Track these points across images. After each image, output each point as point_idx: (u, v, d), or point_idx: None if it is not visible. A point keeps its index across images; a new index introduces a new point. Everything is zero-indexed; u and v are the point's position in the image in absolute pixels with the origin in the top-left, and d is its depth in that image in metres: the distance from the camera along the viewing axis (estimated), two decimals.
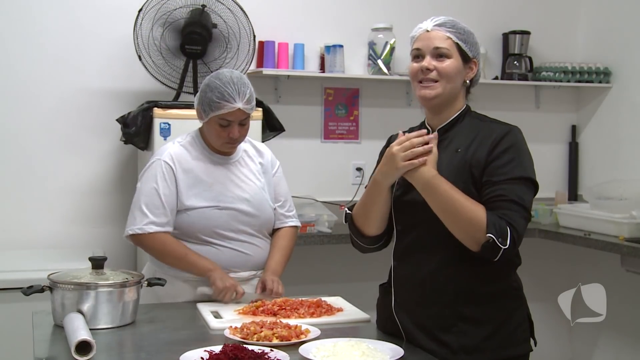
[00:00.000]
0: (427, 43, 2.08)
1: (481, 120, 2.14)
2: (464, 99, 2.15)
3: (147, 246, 2.64)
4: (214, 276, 2.54)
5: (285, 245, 2.77)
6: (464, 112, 2.13)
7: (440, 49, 2.06)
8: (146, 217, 2.59)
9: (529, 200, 1.99)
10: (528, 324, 2.13)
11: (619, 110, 4.46)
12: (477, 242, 1.92)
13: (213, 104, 2.57)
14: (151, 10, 3.48)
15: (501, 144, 2.01)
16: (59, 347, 2.04)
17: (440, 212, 1.97)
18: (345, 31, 4.21)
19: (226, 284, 2.51)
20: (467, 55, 2.09)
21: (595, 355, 4.50)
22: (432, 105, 2.11)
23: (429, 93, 2.07)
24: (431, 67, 2.06)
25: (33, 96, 3.73)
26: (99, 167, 3.85)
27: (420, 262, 2.07)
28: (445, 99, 2.09)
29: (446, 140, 2.09)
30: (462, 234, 1.95)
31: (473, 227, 1.92)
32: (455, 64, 2.07)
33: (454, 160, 2.05)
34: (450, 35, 2.07)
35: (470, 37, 2.11)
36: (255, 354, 1.87)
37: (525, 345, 2.10)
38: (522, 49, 4.48)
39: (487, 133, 2.06)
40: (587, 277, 3.50)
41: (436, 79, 2.06)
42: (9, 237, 3.67)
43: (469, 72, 2.11)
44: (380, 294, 2.25)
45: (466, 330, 2.02)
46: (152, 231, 2.58)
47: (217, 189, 2.65)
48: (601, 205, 3.91)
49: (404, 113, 4.31)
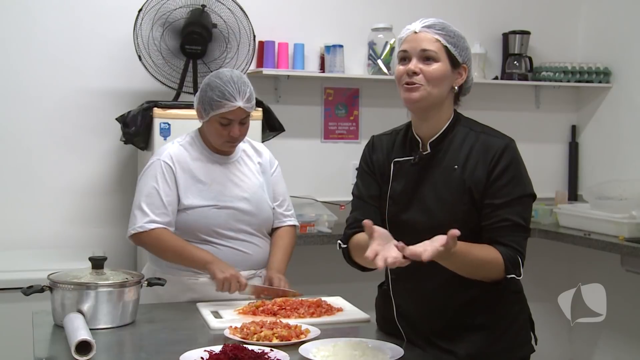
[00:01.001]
0: (414, 45, 1.99)
1: (472, 129, 2.05)
2: (451, 105, 2.07)
3: (148, 243, 2.63)
4: (212, 268, 2.52)
5: (287, 244, 2.77)
6: (454, 121, 2.06)
7: (428, 52, 1.97)
8: (147, 215, 2.59)
9: (529, 215, 2.00)
10: (530, 325, 2.13)
11: (619, 110, 4.46)
12: (496, 281, 1.95)
13: (214, 102, 2.57)
14: (151, 10, 3.48)
15: (500, 163, 1.96)
16: (59, 347, 2.04)
17: (459, 271, 1.93)
18: (345, 31, 4.21)
19: (227, 275, 2.49)
20: (456, 60, 2.00)
21: (595, 355, 4.50)
22: (417, 109, 2.03)
23: (412, 95, 1.98)
24: (417, 71, 1.97)
25: (33, 96, 3.73)
26: (99, 167, 3.85)
27: (421, 279, 2.02)
28: (431, 104, 2.00)
29: (439, 153, 2.03)
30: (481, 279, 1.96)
31: (493, 274, 1.94)
32: (442, 67, 1.98)
33: (452, 178, 1.99)
34: (439, 37, 1.98)
35: (461, 41, 2.02)
36: (255, 354, 1.87)
37: (528, 347, 2.10)
38: (522, 49, 4.48)
39: (482, 148, 2.00)
40: (587, 277, 3.50)
41: (422, 82, 1.97)
42: (9, 237, 3.67)
43: (457, 77, 2.02)
44: (379, 295, 2.24)
45: (471, 338, 2.01)
46: (152, 227, 2.58)
47: (216, 189, 2.66)
48: (601, 205, 3.91)
49: (403, 113, 4.22)
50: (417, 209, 2.03)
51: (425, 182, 2.03)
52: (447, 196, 1.98)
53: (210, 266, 2.53)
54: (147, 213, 2.59)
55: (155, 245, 2.62)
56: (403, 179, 2.07)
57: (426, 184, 2.03)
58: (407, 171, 2.07)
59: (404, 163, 2.08)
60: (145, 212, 2.59)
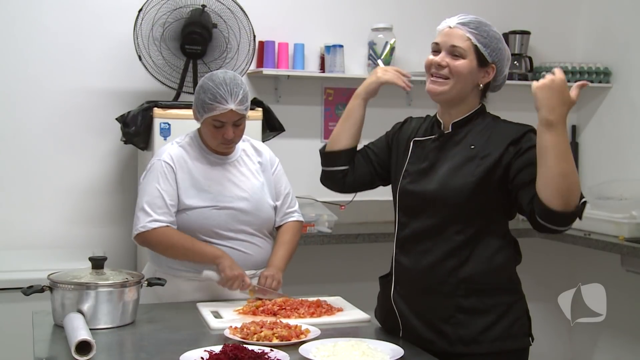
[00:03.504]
0: (445, 39, 2.08)
1: (494, 119, 2.14)
2: (477, 100, 2.14)
3: (153, 242, 2.62)
4: (223, 264, 2.54)
5: (289, 240, 2.77)
6: (478, 111, 2.13)
7: (457, 48, 2.06)
8: (149, 215, 2.59)
9: None
10: (527, 319, 2.13)
11: (619, 110, 4.46)
12: (571, 203, 1.86)
13: (206, 105, 2.57)
14: (151, 10, 3.48)
15: (523, 140, 2.01)
16: (59, 347, 2.04)
17: (554, 158, 1.84)
18: (345, 31, 4.21)
19: (235, 273, 2.52)
20: (485, 59, 2.08)
21: (595, 355, 4.50)
22: (439, 101, 2.13)
23: (435, 88, 2.09)
24: (443, 64, 2.07)
25: (33, 96, 3.73)
26: (99, 167, 3.85)
27: (422, 252, 2.09)
28: (452, 98, 2.09)
29: (460, 134, 2.11)
30: (564, 189, 1.85)
31: (576, 189, 1.87)
32: (468, 65, 2.06)
33: (469, 154, 2.06)
34: (470, 36, 2.07)
35: (494, 42, 2.09)
36: (255, 354, 1.87)
37: (523, 340, 2.11)
38: (522, 49, 4.48)
39: (503, 132, 2.06)
40: (587, 277, 3.49)
41: (447, 75, 2.07)
42: (9, 237, 3.67)
43: (484, 75, 2.10)
44: (381, 285, 2.27)
45: (464, 321, 2.04)
46: (156, 227, 2.58)
47: (215, 189, 2.66)
48: (601, 205, 3.91)
49: (404, 113, 4.24)
50: (429, 180, 2.10)
51: (442, 158, 2.11)
52: (459, 168, 2.05)
53: (221, 261, 2.54)
54: (149, 213, 2.59)
55: (162, 243, 2.60)
56: (422, 157, 2.15)
57: (443, 160, 2.10)
58: (427, 149, 2.15)
59: (424, 142, 2.17)
60: (148, 212, 2.59)
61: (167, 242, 2.60)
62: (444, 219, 2.05)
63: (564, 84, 1.85)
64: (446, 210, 2.05)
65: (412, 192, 2.13)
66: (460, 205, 2.04)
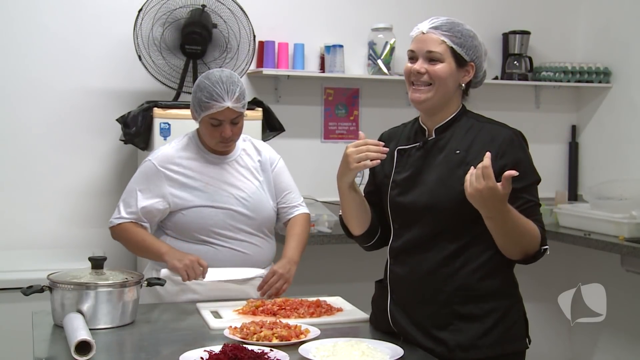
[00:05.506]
0: (420, 46, 2.07)
1: (477, 120, 2.13)
2: (459, 100, 2.14)
3: (117, 238, 2.73)
4: (170, 260, 2.52)
5: (299, 232, 2.77)
6: (460, 113, 2.13)
7: (433, 53, 2.04)
8: (119, 212, 2.68)
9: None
10: (524, 321, 2.13)
11: (619, 110, 4.46)
12: (530, 255, 2.02)
13: (202, 104, 2.58)
14: (151, 10, 3.48)
15: (512, 151, 2.03)
16: (58, 347, 2.04)
17: (501, 237, 1.98)
18: (345, 31, 4.21)
19: (185, 262, 2.49)
20: (463, 59, 2.07)
21: (595, 356, 4.50)
22: (423, 109, 2.11)
23: (418, 97, 2.07)
24: (422, 71, 2.05)
25: (33, 96, 3.73)
26: (98, 167, 3.85)
27: (417, 261, 2.08)
28: (437, 102, 2.08)
29: (443, 139, 2.10)
30: (517, 251, 2.01)
31: (533, 244, 2.00)
32: (447, 68, 2.05)
33: (455, 161, 2.05)
34: (444, 39, 2.04)
35: (469, 40, 2.08)
36: (255, 354, 1.87)
37: (521, 343, 2.10)
38: (522, 49, 4.48)
39: (488, 136, 2.05)
40: (587, 277, 3.50)
41: (428, 82, 2.05)
42: (9, 237, 3.67)
43: (464, 75, 2.09)
44: (377, 290, 2.26)
45: (462, 327, 2.03)
46: (119, 222, 2.67)
47: (212, 189, 2.66)
48: (601, 205, 3.91)
49: (403, 113, 4.27)
50: (418, 191, 2.08)
51: (428, 166, 2.09)
52: (447, 176, 2.03)
53: (167, 258, 2.53)
54: (119, 210, 2.68)
55: (122, 238, 2.70)
56: (407, 165, 2.13)
57: (429, 168, 2.09)
58: (412, 157, 2.13)
59: (408, 150, 2.15)
60: (119, 209, 2.68)
61: (125, 237, 2.68)
62: (436, 228, 2.04)
63: (489, 190, 1.86)
64: (438, 220, 2.04)
65: (402, 204, 2.11)
66: (452, 214, 2.03)
